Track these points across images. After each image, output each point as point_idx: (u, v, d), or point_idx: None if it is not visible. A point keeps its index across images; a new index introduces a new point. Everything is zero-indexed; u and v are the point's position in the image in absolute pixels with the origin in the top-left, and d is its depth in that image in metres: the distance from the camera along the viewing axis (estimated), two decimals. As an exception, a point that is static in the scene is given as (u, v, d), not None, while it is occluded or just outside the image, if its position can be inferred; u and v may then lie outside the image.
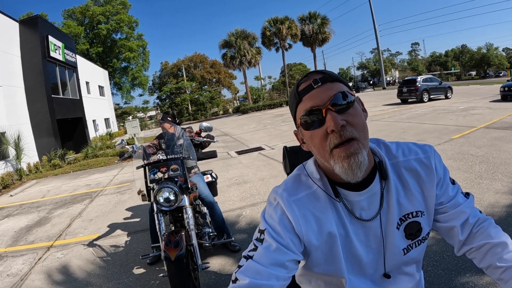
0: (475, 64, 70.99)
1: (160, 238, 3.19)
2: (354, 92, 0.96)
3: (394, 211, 1.00)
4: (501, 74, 62.56)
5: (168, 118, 4.18)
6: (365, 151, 0.90)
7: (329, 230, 0.98)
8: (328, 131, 0.88)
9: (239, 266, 0.98)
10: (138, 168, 3.50)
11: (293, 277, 1.23)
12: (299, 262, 1.01)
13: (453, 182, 1.09)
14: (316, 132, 0.91)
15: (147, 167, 3.48)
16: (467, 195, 1.08)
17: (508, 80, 19.96)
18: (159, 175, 3.45)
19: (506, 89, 16.75)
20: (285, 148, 1.68)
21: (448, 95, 21.94)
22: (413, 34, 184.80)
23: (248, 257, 0.98)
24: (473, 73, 71.89)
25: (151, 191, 3.40)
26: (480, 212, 1.07)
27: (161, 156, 3.56)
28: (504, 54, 73.21)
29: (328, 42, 42.48)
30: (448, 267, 3.12)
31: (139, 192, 3.63)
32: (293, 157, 1.63)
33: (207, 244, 3.63)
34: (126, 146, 3.90)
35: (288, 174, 1.64)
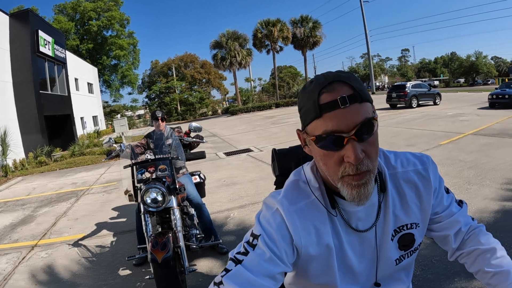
0: (464, 72, 71.82)
1: (146, 240, 3.12)
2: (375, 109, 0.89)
3: (389, 223, 0.99)
4: (489, 82, 63.54)
5: (165, 117, 4.14)
6: (373, 178, 0.87)
7: (327, 242, 0.95)
8: (344, 160, 0.82)
9: (227, 270, 0.92)
10: (125, 167, 3.43)
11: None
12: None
13: (447, 191, 1.09)
14: (330, 154, 0.84)
15: (134, 167, 3.42)
16: (460, 203, 1.10)
17: (496, 88, 20.25)
18: (147, 175, 3.38)
19: (494, 96, 17.01)
20: (274, 150, 1.65)
21: (436, 101, 22.25)
22: (404, 41, 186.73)
23: (237, 261, 0.92)
24: (462, 80, 72.86)
25: (138, 191, 3.32)
26: (473, 219, 1.10)
27: (149, 155, 3.48)
28: (492, 62, 74.23)
29: (319, 45, 43.06)
30: (437, 271, 3.12)
31: (126, 192, 3.56)
32: (282, 160, 1.61)
33: (195, 246, 3.57)
34: (114, 145, 3.81)
35: (277, 176, 1.62)
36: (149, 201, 3.06)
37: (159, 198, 3.07)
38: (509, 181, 5.39)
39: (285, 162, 1.58)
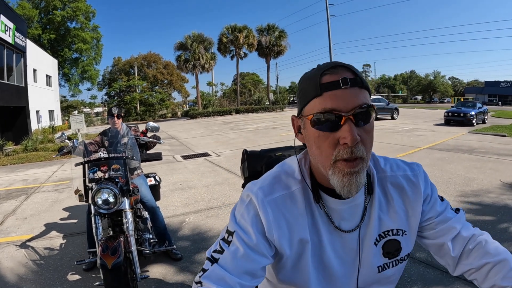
0: (422, 89, 74.85)
1: (96, 243, 2.96)
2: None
3: (374, 226, 0.96)
4: (445, 101, 66.67)
5: (122, 114, 3.98)
6: (365, 170, 0.86)
7: (300, 237, 0.93)
8: (339, 142, 0.81)
9: (204, 270, 0.91)
10: (77, 165, 3.26)
11: None
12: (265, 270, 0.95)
13: (442, 199, 1.04)
14: (325, 135, 0.83)
15: (86, 165, 3.25)
16: (457, 210, 1.04)
17: (452, 106, 21.29)
18: (99, 174, 3.21)
19: (450, 114, 17.94)
20: (245, 151, 1.64)
21: (394, 116, 23.04)
22: (366, 56, 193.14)
23: (213, 260, 0.92)
24: (419, 97, 75.93)
25: (89, 191, 3.15)
26: (474, 226, 1.02)
27: (102, 153, 3.30)
28: (449, 82, 77.86)
29: (283, 55, 43.56)
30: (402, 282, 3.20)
31: (76, 191, 3.36)
32: (252, 162, 1.59)
33: (147, 252, 3.44)
34: (66, 141, 3.61)
35: (245, 178, 1.60)
36: (100, 202, 2.92)
37: (111, 199, 2.93)
38: (463, 193, 5.71)
39: (255, 164, 1.57)
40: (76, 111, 44.81)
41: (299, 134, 0.94)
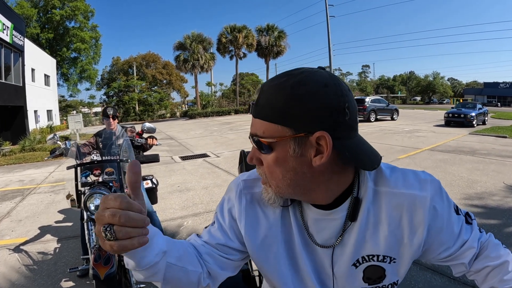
0: (421, 90, 75.01)
1: (89, 251, 2.80)
2: None
3: (355, 247, 0.85)
4: (444, 102, 66.82)
5: (117, 115, 3.86)
6: (272, 193, 0.86)
7: (270, 233, 0.92)
8: None
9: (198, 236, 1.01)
10: (68, 168, 3.13)
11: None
12: (241, 254, 0.98)
13: (457, 212, 0.89)
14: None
15: (78, 168, 3.12)
16: (469, 219, 0.92)
17: (452, 107, 21.25)
18: (92, 178, 3.08)
19: (450, 115, 17.93)
20: (242, 152, 1.65)
21: (394, 116, 23.06)
22: (365, 57, 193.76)
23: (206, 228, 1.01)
24: (418, 98, 76.08)
25: (82, 195, 3.00)
26: (480, 230, 0.94)
27: (95, 156, 3.17)
28: (449, 83, 78.01)
29: (283, 55, 43.37)
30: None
31: (68, 196, 3.22)
32: None
33: (143, 259, 3.31)
34: (58, 142, 3.47)
35: None
36: (92, 208, 2.78)
37: (104, 205, 2.80)
38: (467, 196, 5.62)
39: (253, 165, 1.52)
40: (75, 111, 44.80)
41: None
